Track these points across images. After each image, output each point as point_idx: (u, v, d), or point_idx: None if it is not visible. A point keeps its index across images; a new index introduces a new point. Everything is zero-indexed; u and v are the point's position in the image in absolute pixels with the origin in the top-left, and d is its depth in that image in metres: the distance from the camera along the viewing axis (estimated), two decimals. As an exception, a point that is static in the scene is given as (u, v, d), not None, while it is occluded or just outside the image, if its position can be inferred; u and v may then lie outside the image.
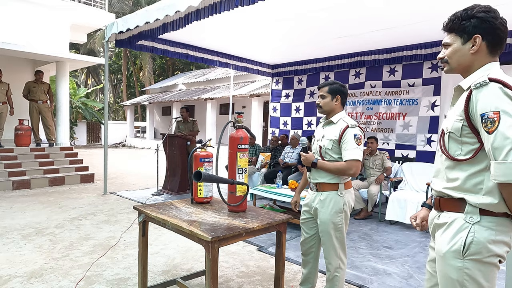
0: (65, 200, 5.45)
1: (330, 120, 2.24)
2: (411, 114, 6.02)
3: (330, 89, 2.22)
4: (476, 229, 1.20)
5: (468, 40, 1.27)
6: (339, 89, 2.23)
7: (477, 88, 1.18)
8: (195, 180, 1.78)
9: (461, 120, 1.23)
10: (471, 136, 1.21)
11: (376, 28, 4.86)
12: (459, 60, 1.30)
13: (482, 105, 1.15)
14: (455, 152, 1.26)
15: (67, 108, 7.91)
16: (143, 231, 2.25)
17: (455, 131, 1.25)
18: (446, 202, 1.31)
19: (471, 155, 1.22)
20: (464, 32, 1.27)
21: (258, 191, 4.56)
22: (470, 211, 1.22)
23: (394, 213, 4.45)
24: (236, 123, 2.20)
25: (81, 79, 31.01)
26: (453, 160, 1.27)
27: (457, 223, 1.24)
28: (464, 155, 1.24)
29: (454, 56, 1.31)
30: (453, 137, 1.26)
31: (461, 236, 1.22)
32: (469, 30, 1.26)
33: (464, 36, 1.28)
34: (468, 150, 1.23)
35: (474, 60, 1.27)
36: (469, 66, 1.29)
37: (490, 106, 1.13)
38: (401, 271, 3.03)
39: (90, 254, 3.22)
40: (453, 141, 1.27)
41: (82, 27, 8.26)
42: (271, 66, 7.95)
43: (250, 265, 3.08)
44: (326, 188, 2.18)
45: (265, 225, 1.94)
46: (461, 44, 1.29)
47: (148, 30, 5.13)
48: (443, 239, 1.27)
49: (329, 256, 2.20)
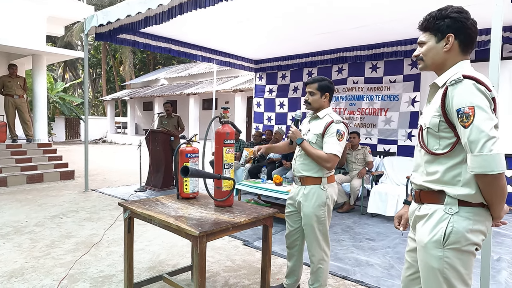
0: (44, 197, 5.30)
1: (316, 115, 2.28)
2: (392, 110, 6.17)
3: (319, 86, 2.24)
4: (455, 220, 1.25)
5: (442, 39, 1.33)
6: (328, 86, 2.26)
7: (452, 85, 1.23)
8: (183, 176, 1.77)
9: (438, 116, 1.28)
10: (448, 131, 1.27)
11: (358, 24, 4.94)
12: (434, 58, 1.36)
13: (458, 101, 1.21)
14: (433, 147, 1.32)
15: (45, 103, 7.66)
16: (129, 228, 2.23)
17: (432, 127, 1.30)
18: (426, 195, 1.36)
19: (449, 149, 1.27)
20: (438, 31, 1.34)
21: (243, 186, 4.58)
22: (449, 203, 1.27)
23: (376, 206, 4.56)
24: (222, 119, 2.20)
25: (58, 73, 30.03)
26: (432, 155, 1.32)
27: (437, 214, 1.30)
28: (442, 149, 1.29)
29: (428, 54, 1.37)
30: (431, 132, 1.32)
31: (441, 226, 1.27)
32: (443, 29, 1.32)
33: (438, 35, 1.34)
34: (446, 144, 1.28)
35: (447, 58, 1.34)
36: (443, 63, 1.35)
37: (465, 102, 1.19)
38: (382, 261, 3.12)
39: (73, 252, 3.15)
40: (431, 136, 1.32)
41: (60, 19, 7.98)
42: (254, 61, 7.94)
43: (236, 260, 3.10)
44: (309, 182, 2.22)
45: (252, 219, 1.96)
46: (435, 42, 1.35)
47: (130, 24, 5.02)
48: (424, 230, 1.32)
49: (313, 249, 2.24)
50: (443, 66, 1.36)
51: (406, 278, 1.52)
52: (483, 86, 1.20)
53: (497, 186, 1.20)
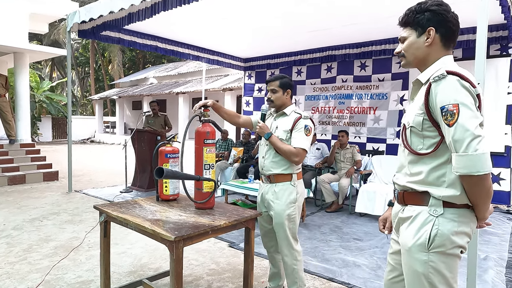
0: (26, 199, 5.14)
1: (283, 112, 2.25)
2: (381, 108, 6.16)
3: (281, 83, 2.23)
4: (440, 222, 1.21)
5: (423, 33, 1.29)
6: (289, 83, 2.26)
7: (436, 81, 1.18)
8: (157, 177, 1.69)
9: (421, 114, 1.23)
10: (432, 130, 1.22)
11: (347, 22, 4.90)
12: (415, 53, 1.32)
13: (442, 98, 1.16)
14: (417, 146, 1.27)
15: (28, 102, 7.44)
16: (105, 232, 2.13)
17: (416, 125, 1.25)
18: (410, 196, 1.31)
19: (433, 149, 1.23)
20: (418, 25, 1.29)
21: (230, 186, 4.50)
22: (434, 204, 1.23)
23: (364, 206, 4.53)
24: (202, 117, 2.12)
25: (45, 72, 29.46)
26: (415, 154, 1.27)
27: (422, 216, 1.25)
28: (426, 149, 1.24)
29: (410, 50, 1.33)
30: (414, 131, 1.27)
31: (426, 229, 1.22)
32: (423, 23, 1.28)
33: (418, 29, 1.30)
34: (430, 143, 1.24)
35: (429, 52, 1.29)
36: (425, 59, 1.31)
37: (449, 99, 1.14)
38: (370, 262, 3.08)
39: (51, 257, 3.03)
40: (415, 135, 1.27)
41: (43, 16, 7.75)
42: (243, 59, 7.86)
43: (221, 262, 3.03)
44: (280, 179, 2.19)
45: (233, 222, 1.89)
46: (416, 37, 1.31)
47: (113, 20, 4.89)
48: (408, 233, 1.27)
49: (285, 249, 2.20)
50: (426, 61, 1.31)
51: (388, 281, 1.48)
52: (467, 82, 1.15)
53: (483, 187, 1.15)
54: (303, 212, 4.28)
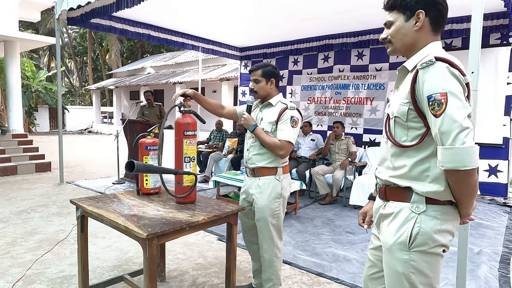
0: (16, 191, 5.07)
1: (268, 102, 2.14)
2: (378, 99, 6.03)
3: (263, 72, 2.10)
4: (422, 219, 1.15)
5: (411, 17, 1.20)
6: (272, 72, 2.12)
7: (424, 68, 1.10)
8: (128, 171, 1.59)
9: (406, 103, 1.15)
10: (417, 121, 1.14)
11: (343, 9, 4.74)
12: (403, 39, 1.23)
13: (429, 86, 1.08)
14: (401, 138, 1.20)
15: (19, 91, 7.32)
16: (82, 227, 2.05)
17: (400, 116, 1.17)
18: (391, 191, 1.24)
19: (417, 141, 1.15)
20: (406, 8, 1.20)
21: (221, 178, 4.42)
22: (416, 200, 1.16)
23: (358, 198, 4.45)
24: (182, 108, 2.02)
25: (44, 62, 29.19)
26: (399, 147, 1.20)
27: (403, 213, 1.19)
28: (411, 141, 1.17)
29: (397, 35, 1.24)
30: (398, 122, 1.19)
31: (407, 227, 1.16)
32: (412, 6, 1.19)
33: (406, 13, 1.21)
34: (415, 135, 1.16)
35: (418, 37, 1.21)
36: (413, 44, 1.22)
37: (437, 87, 1.06)
38: (360, 256, 3.01)
39: (34, 251, 2.97)
40: (399, 126, 1.20)
41: (34, 3, 7.58)
42: (239, 49, 7.70)
43: (208, 256, 2.96)
44: (264, 173, 2.10)
45: (212, 217, 1.80)
46: (404, 21, 1.22)
47: (101, 7, 4.73)
48: (389, 231, 1.22)
49: (265, 244, 2.12)
50: (414, 47, 1.22)
51: (368, 276, 1.42)
52: (457, 70, 1.07)
53: (469, 183, 1.07)
54: (295, 204, 4.22)
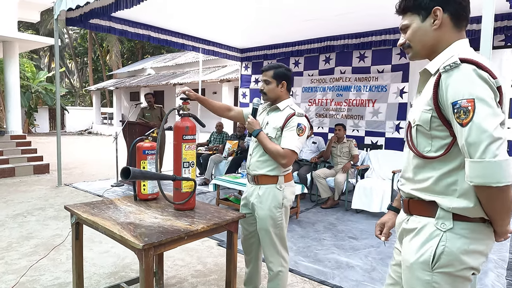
0: (13, 193, 5.00)
1: (276, 106, 2.03)
2: (380, 101, 5.96)
3: (275, 73, 1.99)
4: (448, 238, 1.03)
5: (428, 16, 1.09)
6: (285, 74, 2.01)
7: (447, 71, 0.98)
8: (123, 178, 1.52)
9: (429, 110, 1.03)
10: (442, 129, 1.03)
11: (344, 11, 4.67)
12: (422, 40, 1.11)
13: (454, 92, 0.96)
14: (424, 149, 1.08)
15: (18, 92, 7.25)
16: (77, 234, 1.98)
17: (423, 124, 1.06)
18: (415, 205, 1.13)
19: (443, 152, 1.03)
20: (420, 8, 1.10)
21: (221, 182, 4.34)
22: (442, 216, 1.05)
23: (360, 202, 4.38)
24: (181, 111, 1.95)
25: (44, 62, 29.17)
26: (422, 158, 1.08)
27: (427, 229, 1.07)
28: (435, 152, 1.05)
29: (415, 38, 1.12)
30: (421, 130, 1.07)
31: (431, 245, 1.05)
32: (426, 4, 1.08)
33: (422, 13, 1.10)
34: (439, 145, 1.04)
35: (439, 37, 1.09)
36: (435, 45, 1.10)
37: (463, 93, 0.94)
38: (364, 263, 2.94)
39: (30, 256, 2.90)
40: (422, 135, 1.08)
41: (33, 4, 7.52)
42: (240, 50, 7.63)
43: (208, 263, 2.89)
44: (265, 181, 2.00)
45: (212, 226, 1.73)
46: (420, 22, 1.11)
47: (100, 8, 4.66)
48: (411, 248, 1.10)
49: (270, 255, 2.03)
50: (436, 48, 1.10)
51: None
52: (486, 72, 0.94)
53: (504, 200, 0.94)
54: (297, 208, 4.14)
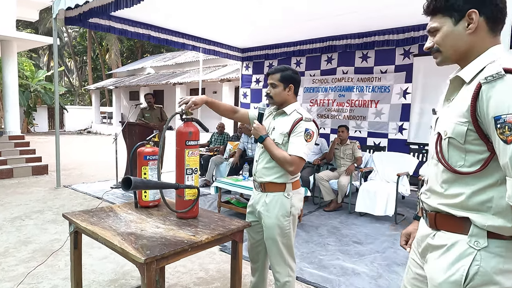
0: (10, 195, 4.92)
1: (282, 110, 1.96)
2: (383, 102, 5.90)
3: (282, 76, 1.91)
4: (483, 257, 0.96)
5: (461, 19, 1.01)
6: (292, 77, 1.93)
7: (489, 82, 0.90)
8: (124, 190, 1.45)
9: (465, 123, 0.96)
10: (478, 144, 0.95)
11: (347, 10, 4.60)
12: (454, 45, 1.03)
13: (497, 105, 0.88)
14: (456, 163, 1.00)
15: (16, 92, 7.17)
16: (75, 243, 1.91)
17: (457, 137, 0.98)
18: (443, 220, 1.05)
19: (479, 167, 0.96)
20: (453, 10, 1.01)
21: (223, 184, 4.27)
22: (475, 234, 0.97)
23: (364, 205, 4.31)
24: (184, 115, 1.87)
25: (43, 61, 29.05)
26: (453, 172, 1.01)
27: (459, 247, 1.00)
28: (469, 167, 0.97)
29: (446, 42, 1.04)
30: (454, 144, 1.00)
31: (463, 264, 0.97)
32: (460, 6, 1.00)
33: (454, 15, 1.01)
34: (475, 160, 0.97)
35: (473, 42, 1.01)
36: (468, 51, 1.02)
37: (508, 107, 0.86)
38: (370, 270, 2.87)
39: (27, 262, 2.82)
40: (454, 148, 1.00)
41: (31, 2, 7.44)
42: (241, 49, 7.56)
43: (210, 269, 2.82)
44: (272, 189, 1.92)
45: (216, 236, 1.66)
46: (452, 25, 1.02)
47: (100, 7, 4.59)
48: (440, 266, 1.03)
49: (277, 265, 1.96)
50: (469, 54, 1.02)
51: None
52: None
53: None
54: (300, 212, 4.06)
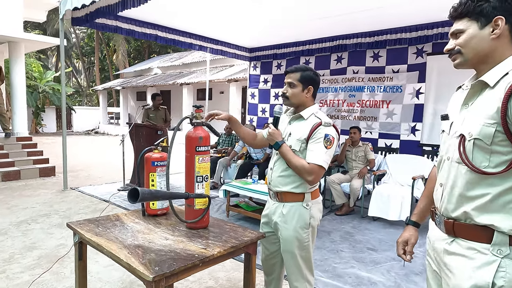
0: (17, 198, 4.88)
1: (299, 114, 1.81)
2: (395, 102, 5.74)
3: (302, 76, 1.77)
4: (507, 264, 0.97)
5: (487, 24, 1.04)
6: (313, 78, 1.80)
7: None
8: (131, 202, 1.35)
9: (493, 124, 0.98)
10: (505, 145, 0.98)
11: (357, 8, 4.46)
12: (476, 48, 1.06)
13: None
14: (481, 163, 1.02)
15: (24, 93, 7.15)
16: (80, 254, 1.82)
17: (483, 138, 1.00)
18: (464, 229, 1.05)
19: (504, 168, 0.97)
20: (481, 15, 1.04)
21: (232, 188, 4.16)
22: (498, 242, 0.98)
23: (377, 209, 4.17)
24: (194, 119, 1.76)
25: (51, 62, 29.30)
26: (478, 173, 1.02)
27: (481, 255, 1.01)
28: (494, 167, 0.99)
29: (469, 44, 1.06)
30: (480, 145, 1.01)
31: (487, 271, 0.98)
32: (488, 12, 1.03)
33: (481, 20, 1.04)
34: (500, 161, 0.99)
35: (495, 47, 1.04)
36: (488, 55, 1.05)
37: None
38: (387, 279, 2.74)
39: (32, 269, 2.75)
40: (480, 149, 1.02)
41: (39, 3, 7.42)
42: (248, 49, 7.45)
43: (220, 278, 2.71)
44: (289, 199, 1.78)
45: (229, 249, 1.55)
46: (478, 29, 1.05)
47: (107, 7, 4.51)
48: (462, 273, 1.03)
49: (294, 280, 1.84)
50: (489, 59, 1.05)
51: None
52: None
53: None
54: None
